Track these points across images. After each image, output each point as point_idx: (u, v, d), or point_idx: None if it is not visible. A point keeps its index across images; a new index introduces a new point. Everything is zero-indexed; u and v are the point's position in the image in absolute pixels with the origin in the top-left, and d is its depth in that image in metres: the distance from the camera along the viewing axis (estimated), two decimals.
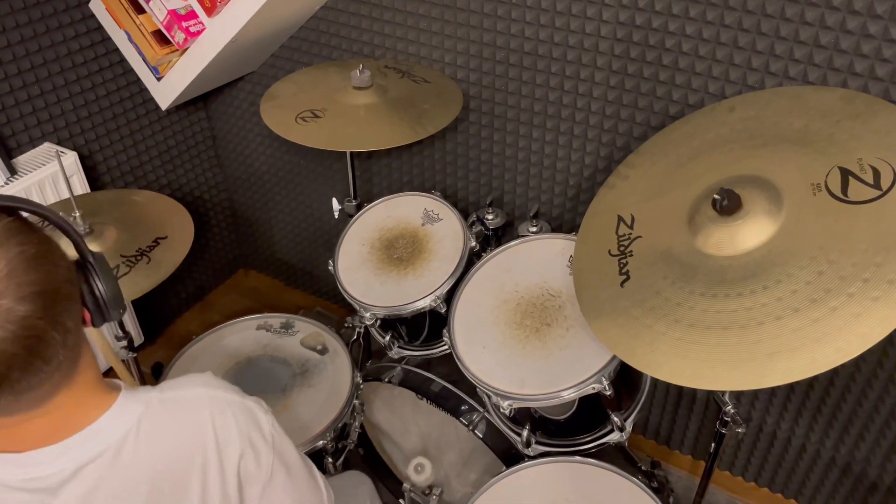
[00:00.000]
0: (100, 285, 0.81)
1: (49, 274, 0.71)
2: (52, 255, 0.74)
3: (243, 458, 0.87)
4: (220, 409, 0.86)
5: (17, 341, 0.67)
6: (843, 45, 1.28)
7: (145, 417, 0.82)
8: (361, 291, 1.56)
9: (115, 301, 0.83)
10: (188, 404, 0.86)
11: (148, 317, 2.30)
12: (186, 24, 1.75)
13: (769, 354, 0.95)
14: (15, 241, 0.69)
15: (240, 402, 0.89)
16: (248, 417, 0.88)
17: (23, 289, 0.68)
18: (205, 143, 2.36)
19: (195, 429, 0.85)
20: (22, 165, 1.81)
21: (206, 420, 0.85)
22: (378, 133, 1.56)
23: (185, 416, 0.85)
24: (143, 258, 1.49)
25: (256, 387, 1.57)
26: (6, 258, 0.67)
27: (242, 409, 0.88)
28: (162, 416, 0.84)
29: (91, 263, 0.81)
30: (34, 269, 0.69)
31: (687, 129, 1.30)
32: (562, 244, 1.47)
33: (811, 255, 0.98)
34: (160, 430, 0.83)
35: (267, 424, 0.90)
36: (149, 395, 0.85)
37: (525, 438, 1.40)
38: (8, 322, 0.66)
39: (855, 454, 1.67)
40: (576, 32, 1.53)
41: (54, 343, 0.71)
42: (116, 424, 0.81)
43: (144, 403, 0.83)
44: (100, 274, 0.81)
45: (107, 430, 0.80)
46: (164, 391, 0.86)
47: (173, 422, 0.84)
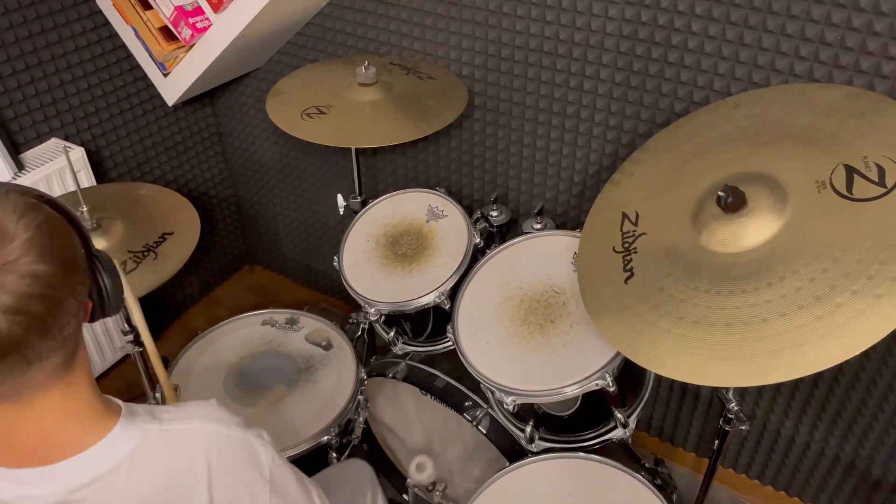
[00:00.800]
0: (105, 279, 0.84)
1: (69, 244, 0.75)
2: (70, 231, 0.77)
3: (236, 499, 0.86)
4: (217, 448, 0.86)
5: (38, 299, 0.70)
6: (848, 43, 1.28)
7: (141, 448, 0.82)
8: (366, 287, 1.56)
9: (117, 296, 0.85)
10: (186, 439, 0.85)
11: (154, 312, 2.31)
12: (193, 21, 1.76)
13: (773, 351, 0.95)
14: (39, 212, 0.73)
15: (240, 438, 0.88)
16: (247, 457, 0.88)
17: (45, 252, 0.71)
18: (211, 138, 2.36)
19: (189, 465, 0.84)
20: (29, 161, 1.82)
21: (202, 458, 0.84)
22: (383, 130, 1.56)
23: (181, 451, 0.85)
24: (149, 254, 1.50)
25: (261, 382, 1.58)
26: (34, 223, 0.71)
27: (242, 447, 0.88)
28: (158, 448, 0.83)
29: (97, 258, 0.83)
30: (57, 236, 0.73)
31: (692, 127, 1.30)
32: (566, 241, 1.48)
33: (815, 252, 0.98)
34: (154, 463, 0.83)
35: (266, 461, 0.89)
36: (147, 425, 0.84)
37: (528, 434, 1.41)
38: (30, 277, 0.70)
39: (859, 452, 1.67)
40: (581, 29, 1.53)
41: (70, 309, 0.74)
42: (111, 453, 0.81)
43: (142, 434, 0.83)
44: (105, 269, 0.84)
45: (101, 458, 0.80)
46: (164, 422, 0.85)
47: (168, 456, 0.84)
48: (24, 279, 0.69)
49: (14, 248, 0.69)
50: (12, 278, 0.69)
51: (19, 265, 0.69)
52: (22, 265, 0.69)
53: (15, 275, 0.69)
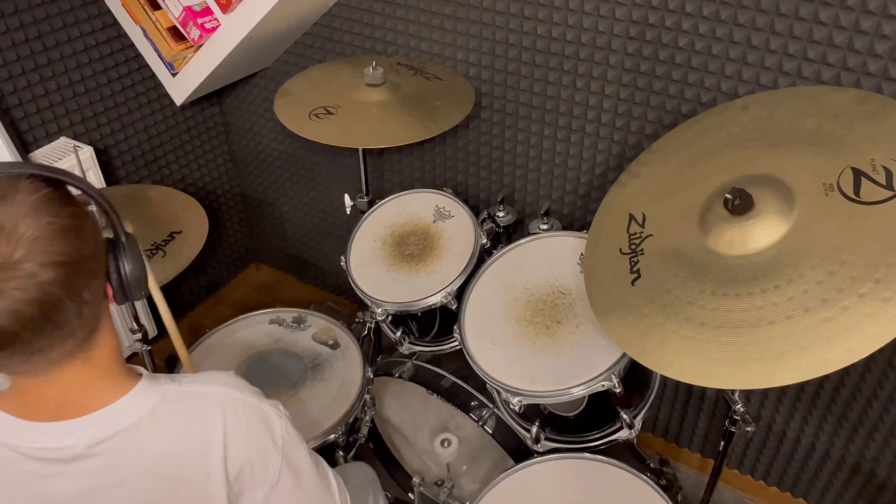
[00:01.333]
0: (126, 264, 0.84)
1: (75, 247, 0.75)
2: (81, 229, 0.77)
3: (248, 462, 0.88)
4: (233, 410, 0.88)
5: (33, 304, 0.71)
6: (856, 46, 1.28)
7: (160, 407, 0.85)
8: (373, 287, 1.57)
9: (138, 282, 0.86)
10: (204, 401, 0.88)
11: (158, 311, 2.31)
12: (202, 21, 1.77)
13: (780, 354, 0.95)
14: (47, 211, 0.73)
15: (256, 404, 0.91)
16: (262, 422, 0.90)
17: (47, 256, 0.71)
18: (218, 138, 2.37)
19: (206, 426, 0.87)
20: (38, 159, 1.83)
21: (218, 419, 0.87)
22: (390, 130, 1.57)
23: (199, 411, 0.88)
24: (158, 252, 1.51)
25: (268, 380, 1.59)
26: (36, 225, 0.71)
27: (257, 413, 0.90)
28: (176, 408, 0.86)
29: (122, 243, 0.84)
30: (61, 240, 0.73)
31: (699, 128, 1.31)
32: (573, 242, 1.48)
33: (823, 255, 0.99)
34: (172, 421, 0.86)
35: (280, 429, 0.91)
36: (167, 386, 0.87)
37: (534, 435, 1.41)
38: (28, 284, 0.70)
39: (865, 453, 1.67)
40: (589, 30, 1.53)
41: (68, 311, 0.75)
42: (131, 409, 0.84)
43: (161, 394, 0.86)
44: (128, 254, 0.84)
45: (122, 414, 0.83)
46: (183, 384, 0.88)
47: (186, 415, 0.87)
48: (22, 282, 0.70)
49: (16, 248, 0.70)
50: (10, 284, 0.69)
51: (19, 268, 0.70)
52: (22, 268, 0.70)
53: (13, 280, 0.70)
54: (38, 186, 0.74)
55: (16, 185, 0.73)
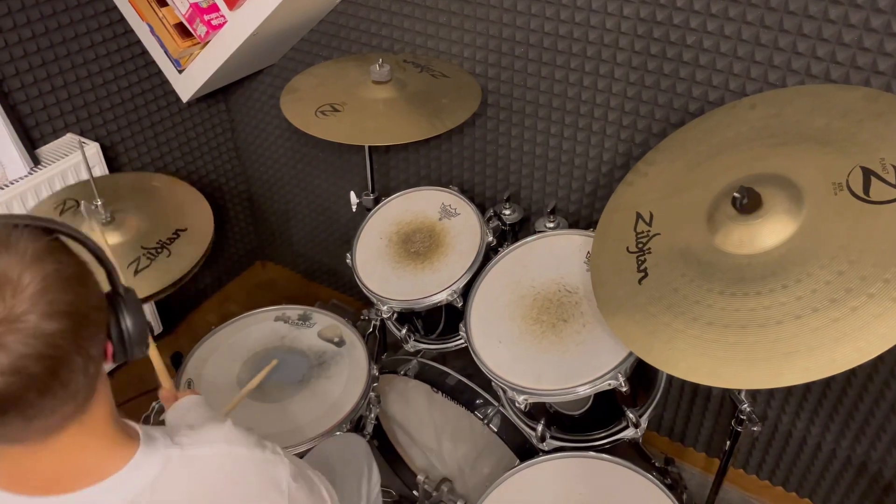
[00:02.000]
0: (128, 321, 0.79)
1: (81, 297, 0.71)
2: (86, 279, 0.73)
3: None
4: (241, 471, 0.86)
5: (39, 360, 0.66)
6: (866, 44, 1.27)
7: (162, 476, 0.80)
8: (378, 285, 1.57)
9: (141, 338, 0.81)
10: (209, 464, 0.85)
11: (166, 307, 2.32)
12: (208, 17, 1.77)
13: (787, 354, 0.94)
14: (52, 259, 0.69)
15: (260, 459, 0.88)
16: (268, 476, 0.88)
17: (53, 307, 0.67)
18: (224, 135, 2.37)
19: (214, 491, 0.84)
20: (45, 156, 1.83)
21: (226, 483, 0.85)
22: (397, 127, 1.56)
23: (205, 477, 0.84)
24: (163, 251, 1.51)
25: (274, 377, 1.59)
26: (42, 274, 0.67)
27: (263, 469, 0.88)
28: (180, 475, 0.82)
29: (122, 297, 0.80)
30: (67, 290, 0.69)
31: (707, 127, 1.30)
32: (579, 240, 1.48)
33: (831, 254, 0.98)
34: (177, 490, 0.82)
35: (285, 477, 0.89)
36: (168, 451, 0.82)
37: (540, 433, 1.41)
38: (33, 338, 0.65)
39: (871, 454, 1.66)
40: (596, 28, 1.53)
41: (76, 368, 0.70)
42: (132, 481, 0.79)
43: (163, 460, 0.81)
44: (129, 309, 0.79)
45: (122, 487, 0.78)
46: (185, 447, 0.84)
47: (190, 482, 0.83)
48: (27, 339, 0.65)
49: (19, 301, 0.65)
50: (14, 338, 0.65)
51: (24, 322, 0.65)
52: (26, 322, 0.65)
53: (18, 334, 0.65)
54: (38, 234, 0.70)
55: (15, 232, 0.68)
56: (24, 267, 0.66)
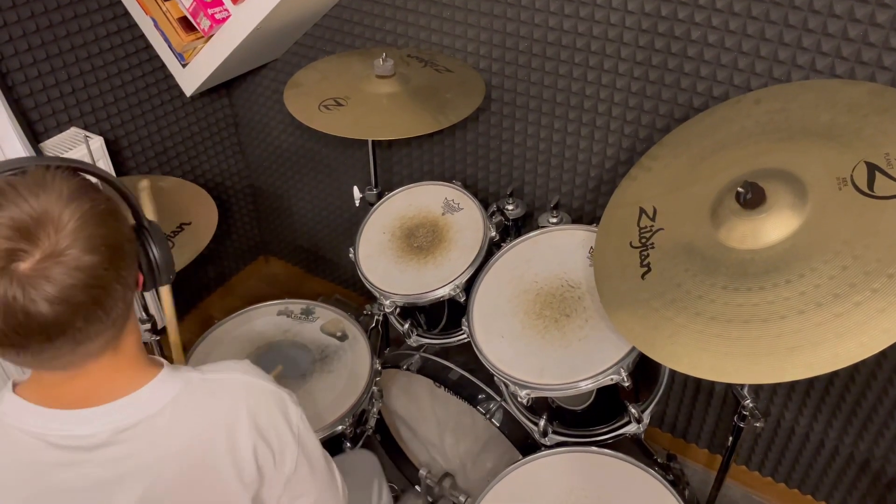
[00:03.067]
0: (154, 250, 0.87)
1: (115, 230, 0.77)
2: (118, 214, 0.79)
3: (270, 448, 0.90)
4: (256, 398, 0.90)
5: (84, 290, 0.72)
6: (871, 39, 1.27)
7: (183, 394, 0.86)
8: (381, 279, 1.57)
9: (167, 266, 0.88)
10: (226, 387, 0.90)
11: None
12: (212, 12, 1.77)
13: (791, 349, 0.94)
14: (87, 197, 0.75)
15: (275, 391, 0.93)
16: (280, 408, 0.92)
17: (92, 241, 0.72)
18: (227, 129, 2.37)
19: (230, 412, 0.88)
20: (49, 149, 1.83)
21: (242, 406, 0.88)
22: (400, 122, 1.56)
23: (222, 397, 0.89)
24: (170, 244, 1.51)
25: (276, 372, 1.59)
26: (80, 211, 0.72)
27: (276, 399, 0.92)
28: (200, 394, 0.87)
29: (147, 229, 0.87)
30: (103, 224, 0.74)
31: (711, 121, 1.30)
32: (582, 235, 1.47)
33: (835, 249, 0.98)
34: (196, 407, 0.87)
35: (295, 417, 0.93)
36: (189, 374, 0.88)
37: (542, 428, 1.41)
38: (77, 270, 0.71)
39: (874, 451, 1.66)
40: (600, 22, 1.52)
41: (116, 294, 0.76)
42: (156, 397, 0.84)
43: (184, 381, 0.87)
44: (154, 239, 0.87)
45: (146, 401, 0.84)
46: (205, 372, 0.89)
47: (210, 401, 0.88)
48: (72, 271, 0.71)
49: (62, 237, 0.71)
50: (59, 270, 0.70)
51: (67, 256, 0.70)
52: (69, 256, 0.71)
53: (62, 266, 0.70)
54: (70, 174, 0.76)
55: (49, 173, 0.74)
56: (63, 205, 0.72)
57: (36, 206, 0.71)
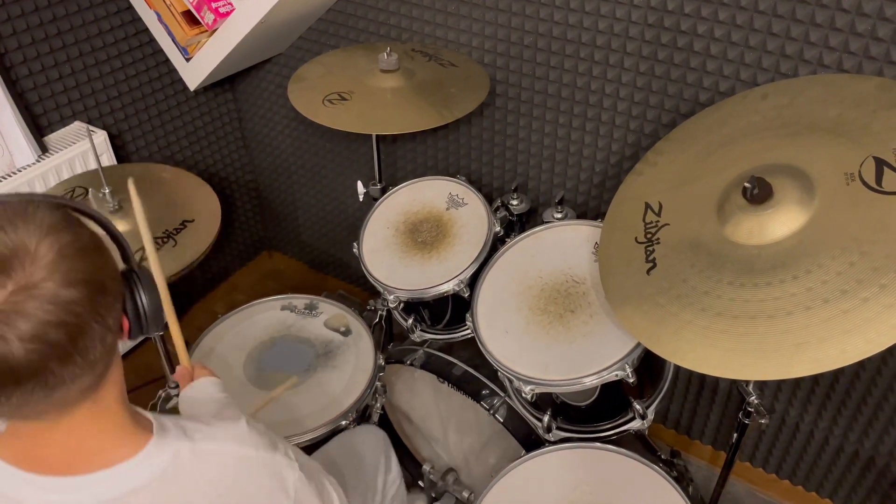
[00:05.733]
0: (143, 295, 0.81)
1: (97, 265, 0.72)
2: (101, 249, 0.74)
3: None
4: (248, 471, 0.87)
5: (59, 326, 0.67)
6: (879, 33, 1.26)
7: (172, 468, 0.82)
8: (385, 274, 1.56)
9: (156, 314, 0.82)
10: (217, 461, 0.86)
11: (173, 296, 2.31)
12: (216, 5, 1.76)
13: (797, 345, 0.94)
14: (69, 230, 0.71)
15: (269, 461, 0.89)
16: (276, 480, 0.89)
17: (70, 275, 0.68)
18: (231, 124, 2.37)
19: (218, 487, 0.85)
20: (53, 143, 1.84)
21: (232, 482, 0.85)
22: (405, 116, 1.56)
23: (210, 473, 0.85)
24: (169, 241, 1.50)
25: (280, 366, 1.59)
26: (59, 243, 0.68)
27: (270, 471, 0.89)
28: (189, 469, 0.83)
29: (136, 273, 0.81)
30: (83, 258, 0.70)
31: (718, 117, 1.29)
32: (587, 231, 1.47)
33: (843, 245, 0.97)
34: (184, 483, 0.83)
35: (292, 481, 0.90)
36: (179, 443, 0.83)
37: (546, 424, 1.41)
38: (52, 304, 0.66)
39: (879, 448, 1.66)
40: (606, 17, 1.51)
41: (94, 336, 0.71)
42: (143, 470, 0.80)
43: (174, 452, 0.82)
44: (143, 285, 0.81)
45: (132, 475, 0.80)
46: (197, 441, 0.84)
47: (199, 478, 0.84)
48: (46, 305, 0.66)
49: (37, 269, 0.66)
50: (33, 304, 0.66)
51: (42, 289, 0.66)
52: (44, 289, 0.66)
53: (36, 300, 0.66)
54: (53, 208, 0.72)
55: (31, 206, 0.70)
56: (41, 237, 0.68)
57: (13, 237, 0.66)
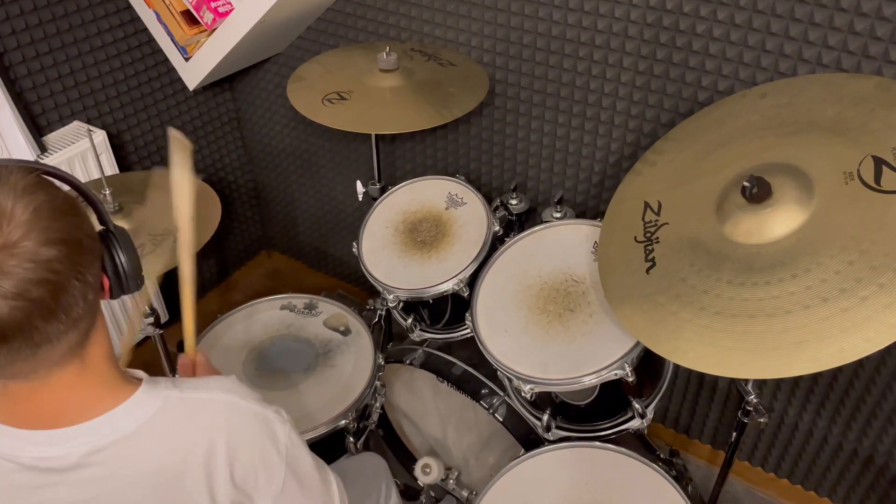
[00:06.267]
0: (121, 254, 0.82)
1: (73, 225, 0.73)
2: (76, 209, 0.76)
3: (252, 471, 0.87)
4: (237, 418, 0.87)
5: (39, 284, 0.69)
6: (878, 33, 1.26)
7: (161, 414, 0.82)
8: (385, 274, 1.56)
9: (135, 272, 0.84)
10: (206, 408, 0.86)
11: (172, 295, 2.32)
12: (215, 5, 1.76)
13: (796, 343, 0.94)
14: (42, 191, 0.72)
15: (259, 411, 0.89)
16: (265, 429, 0.88)
17: (47, 234, 0.70)
18: (230, 123, 2.37)
19: (208, 434, 0.84)
20: (52, 143, 1.84)
21: (221, 427, 0.85)
22: (404, 116, 1.56)
23: (201, 419, 0.85)
24: (169, 237, 1.50)
25: (279, 366, 1.59)
26: (33, 204, 0.70)
27: (260, 421, 0.88)
28: (178, 414, 0.84)
29: (113, 233, 0.83)
30: (59, 218, 0.72)
31: (717, 116, 1.29)
32: (586, 230, 1.47)
33: (842, 244, 0.97)
34: (174, 428, 0.83)
35: (283, 436, 0.90)
36: (168, 391, 0.84)
37: (545, 423, 1.41)
38: (32, 262, 0.68)
39: (878, 447, 1.66)
40: (605, 16, 1.52)
41: (75, 293, 0.72)
42: (130, 417, 0.81)
43: (163, 399, 0.83)
44: (121, 244, 0.83)
45: (120, 421, 0.81)
46: (185, 390, 0.86)
47: (188, 422, 0.84)
48: (26, 262, 0.68)
49: (14, 228, 0.68)
50: (13, 262, 0.67)
51: (20, 248, 0.68)
52: (23, 248, 0.68)
53: (16, 258, 0.67)
54: (27, 171, 0.73)
55: (6, 168, 0.72)
56: (16, 199, 0.69)
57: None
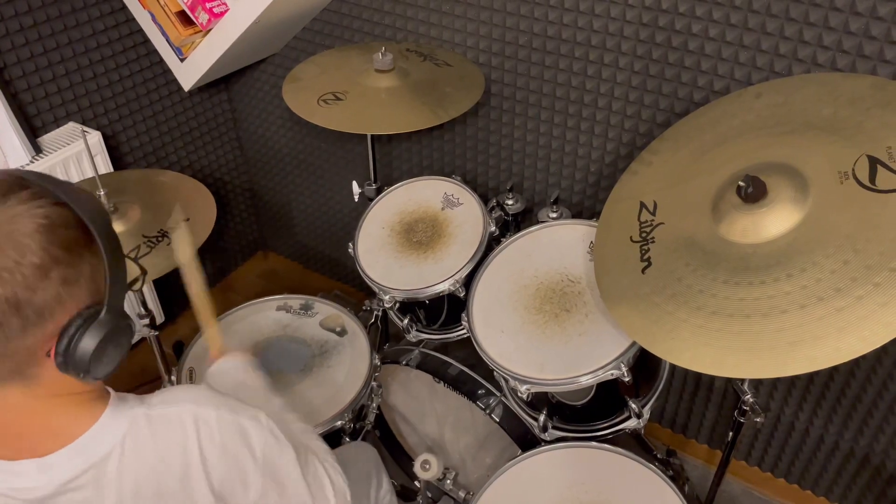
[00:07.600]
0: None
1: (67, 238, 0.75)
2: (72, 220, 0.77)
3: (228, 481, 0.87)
4: (207, 431, 0.86)
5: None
6: (873, 32, 1.26)
7: (130, 435, 0.82)
8: (381, 274, 1.56)
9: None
10: (175, 423, 0.85)
11: (168, 296, 2.32)
12: (210, 5, 1.76)
13: (792, 343, 0.94)
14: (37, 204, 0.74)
15: (231, 420, 0.88)
16: (238, 439, 0.88)
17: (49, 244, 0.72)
18: (226, 124, 2.37)
19: (180, 450, 0.84)
20: (47, 144, 1.83)
21: (192, 442, 0.84)
22: (400, 116, 1.56)
23: (171, 434, 0.84)
24: (164, 239, 1.50)
25: (276, 367, 1.59)
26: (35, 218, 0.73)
27: (232, 431, 0.87)
28: (146, 433, 0.83)
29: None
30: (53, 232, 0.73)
31: (712, 116, 1.29)
32: (582, 230, 1.47)
33: (837, 243, 0.97)
34: (144, 448, 0.83)
35: (259, 443, 0.89)
36: (135, 411, 0.84)
37: (542, 423, 1.41)
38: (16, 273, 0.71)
39: (874, 446, 1.66)
40: (600, 16, 1.52)
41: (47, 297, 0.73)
42: (101, 441, 0.81)
43: (130, 420, 0.83)
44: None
45: (91, 448, 0.80)
46: (152, 407, 0.85)
47: (157, 440, 0.84)
48: None
49: None
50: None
51: None
52: None
53: None
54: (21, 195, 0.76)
55: None
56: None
57: None
